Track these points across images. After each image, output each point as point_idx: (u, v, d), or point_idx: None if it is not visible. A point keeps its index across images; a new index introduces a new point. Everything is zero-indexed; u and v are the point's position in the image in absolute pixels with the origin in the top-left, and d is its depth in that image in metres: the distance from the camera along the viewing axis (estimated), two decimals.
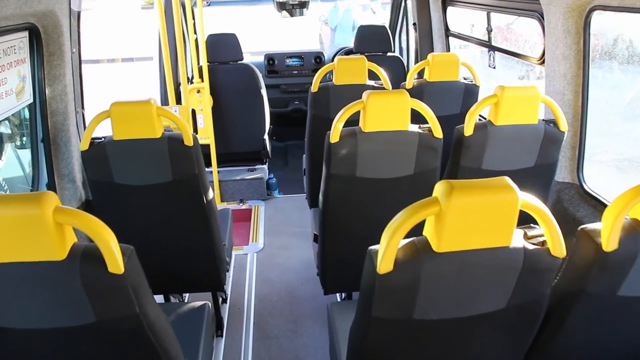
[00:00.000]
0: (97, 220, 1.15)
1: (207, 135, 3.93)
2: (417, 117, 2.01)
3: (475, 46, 3.74)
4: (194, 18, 4.03)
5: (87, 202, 2.46)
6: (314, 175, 3.06)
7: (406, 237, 1.14)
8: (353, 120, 2.03)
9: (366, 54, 4.06)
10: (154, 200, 2.15)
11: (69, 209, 1.13)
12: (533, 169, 2.18)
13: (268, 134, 4.29)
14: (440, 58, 2.84)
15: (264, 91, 4.05)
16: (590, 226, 1.24)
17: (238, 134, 4.16)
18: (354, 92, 2.70)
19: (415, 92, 2.88)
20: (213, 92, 3.89)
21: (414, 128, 1.99)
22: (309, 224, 3.40)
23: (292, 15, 4.77)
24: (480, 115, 2.16)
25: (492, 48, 3.07)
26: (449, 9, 3.74)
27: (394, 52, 4.18)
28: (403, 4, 4.74)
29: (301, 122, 5.56)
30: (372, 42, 4.02)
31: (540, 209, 1.14)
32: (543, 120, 2.13)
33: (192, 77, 3.83)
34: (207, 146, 3.96)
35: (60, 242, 1.12)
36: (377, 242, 1.17)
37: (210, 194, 2.22)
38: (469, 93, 2.95)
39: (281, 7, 4.67)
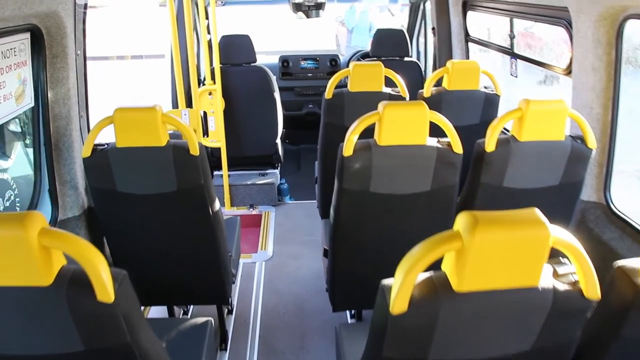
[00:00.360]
0: (86, 244, 1.07)
1: (218, 139, 3.85)
2: (434, 128, 1.90)
3: (495, 52, 3.61)
4: (207, 18, 3.95)
5: (89, 209, 2.39)
6: (326, 185, 2.96)
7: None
8: (367, 130, 1.92)
9: (383, 58, 3.95)
10: (157, 210, 2.06)
11: (55, 231, 1.06)
12: (557, 187, 2.06)
13: (281, 138, 4.19)
14: (460, 66, 2.71)
15: (277, 94, 3.96)
16: (628, 262, 1.11)
17: (250, 138, 4.07)
18: (370, 99, 2.60)
19: (433, 101, 2.76)
20: (225, 95, 3.81)
21: (433, 142, 1.89)
22: (320, 233, 3.30)
23: (308, 16, 4.68)
24: (504, 129, 2.03)
25: (515, 56, 2.93)
26: (469, 14, 3.61)
27: (411, 57, 4.06)
28: (422, 7, 4.62)
29: (315, 125, 5.44)
30: (389, 46, 3.90)
31: (574, 246, 1.05)
32: (570, 136, 2.01)
33: (204, 79, 3.74)
34: (218, 149, 3.89)
35: (46, 267, 1.05)
36: (390, 261, 1.10)
37: (217, 205, 2.13)
38: (490, 103, 2.82)
39: (297, 8, 4.58)
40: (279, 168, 4.33)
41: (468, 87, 2.76)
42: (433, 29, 3.86)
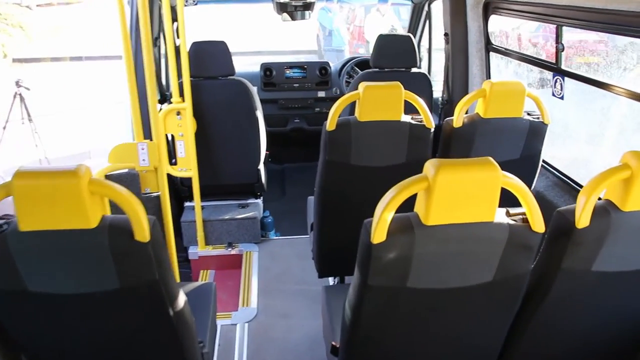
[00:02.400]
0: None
1: (188, 167, 3.18)
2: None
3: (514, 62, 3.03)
4: (175, 20, 3.28)
5: None
6: (325, 238, 2.34)
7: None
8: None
9: (386, 69, 3.33)
10: (93, 315, 1.40)
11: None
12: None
13: (264, 162, 3.54)
14: (501, 88, 2.11)
15: (259, 113, 3.30)
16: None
17: (227, 164, 3.40)
18: (386, 131, 2.06)
19: (465, 132, 2.17)
20: (197, 114, 3.13)
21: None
22: (314, 279, 2.69)
23: (293, 18, 4.03)
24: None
25: (562, 73, 2.34)
26: (492, 18, 3.01)
27: (419, 67, 3.44)
28: (426, 8, 4.01)
29: (301, 142, 4.83)
30: (393, 55, 3.28)
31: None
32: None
33: (171, 95, 3.06)
34: (190, 179, 3.23)
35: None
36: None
37: (181, 302, 1.46)
38: (535, 133, 2.24)
39: (282, 8, 3.92)
40: (262, 198, 3.67)
41: (509, 113, 2.17)
42: (446, 35, 3.25)
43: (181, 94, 3.02)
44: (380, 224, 1.20)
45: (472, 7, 3.04)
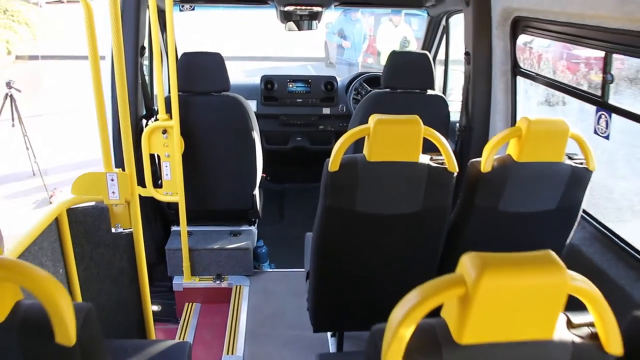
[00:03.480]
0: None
1: (174, 191, 2.85)
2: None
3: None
4: (164, 29, 2.96)
5: None
6: (322, 289, 2.02)
7: None
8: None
9: (399, 90, 2.99)
10: None
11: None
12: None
13: (260, 185, 3.20)
14: (541, 127, 1.75)
15: (256, 133, 2.96)
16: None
17: (219, 189, 3.07)
18: (400, 174, 1.73)
19: (495, 178, 1.82)
20: (186, 133, 2.80)
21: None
22: (310, 324, 2.35)
23: (299, 28, 3.71)
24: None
25: (609, 109, 1.99)
26: (521, 39, 2.67)
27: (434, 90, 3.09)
28: (443, 22, 3.68)
29: (303, 161, 4.50)
30: (408, 75, 2.94)
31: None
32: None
33: (157, 111, 2.73)
34: (176, 203, 2.89)
35: None
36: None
37: None
38: (577, 181, 1.88)
39: (286, 17, 3.61)
40: (256, 224, 3.33)
41: (548, 157, 1.82)
42: (467, 54, 2.91)
43: (169, 110, 2.69)
44: (396, 343, 0.86)
45: (499, 25, 2.70)
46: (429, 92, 3.01)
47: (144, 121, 2.89)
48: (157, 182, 2.90)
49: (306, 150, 4.03)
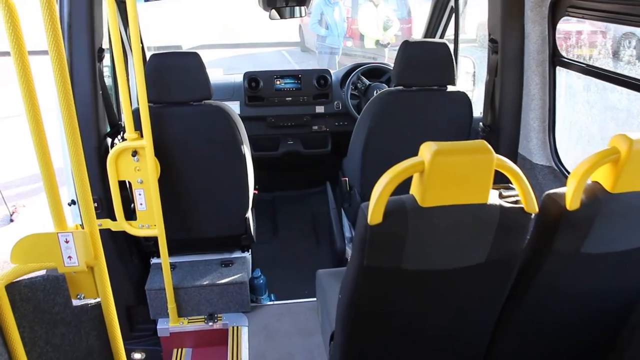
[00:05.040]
0: None
1: (151, 223, 2.34)
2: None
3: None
4: (126, 22, 2.40)
5: None
6: (353, 356, 1.59)
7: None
8: None
9: (414, 87, 2.52)
10: None
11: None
12: None
13: (252, 207, 2.71)
14: None
15: (246, 147, 2.46)
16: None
17: (205, 214, 2.57)
18: (463, 220, 1.27)
19: (584, 214, 1.37)
20: (161, 152, 2.29)
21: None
22: None
23: (282, 16, 3.21)
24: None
25: None
26: (562, 22, 2.23)
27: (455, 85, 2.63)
28: (451, 3, 3.21)
29: (295, 166, 4.01)
30: (425, 69, 2.47)
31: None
32: None
33: (124, 129, 2.21)
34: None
35: None
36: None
37: None
38: None
39: (269, 3, 3.10)
40: (250, 252, 2.85)
41: None
42: (493, 41, 2.45)
43: (138, 127, 2.17)
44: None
45: (534, 6, 2.25)
46: (449, 88, 2.55)
47: (109, 140, 2.36)
48: (129, 213, 2.38)
49: (298, 155, 3.54)
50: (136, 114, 2.14)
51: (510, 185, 1.38)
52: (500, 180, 1.41)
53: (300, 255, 3.33)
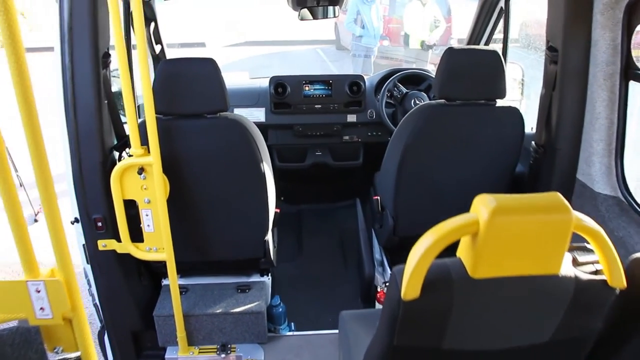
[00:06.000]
0: None
1: (159, 246, 2.13)
2: None
3: None
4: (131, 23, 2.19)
5: None
6: None
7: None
8: None
9: (458, 101, 2.22)
10: None
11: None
12: None
13: (272, 228, 2.46)
14: None
15: (266, 165, 2.21)
16: None
17: (219, 238, 2.34)
18: (526, 294, 0.96)
19: None
20: (170, 170, 2.06)
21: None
22: None
23: (314, 16, 2.95)
24: None
25: None
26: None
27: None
28: (500, 4, 2.87)
29: (324, 178, 3.74)
30: (472, 81, 2.16)
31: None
32: None
33: (128, 142, 2.00)
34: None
35: None
36: None
37: None
38: None
39: (299, 2, 2.84)
40: (269, 276, 2.60)
41: None
42: (552, 49, 2.12)
43: (145, 142, 1.95)
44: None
45: (606, 9, 1.91)
46: (499, 102, 2.23)
47: (116, 154, 2.15)
48: (138, 233, 2.17)
49: (327, 167, 3.28)
50: (142, 127, 1.92)
51: (586, 245, 1.07)
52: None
53: (325, 278, 3.07)
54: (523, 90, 3.21)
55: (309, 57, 10.73)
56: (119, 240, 2.13)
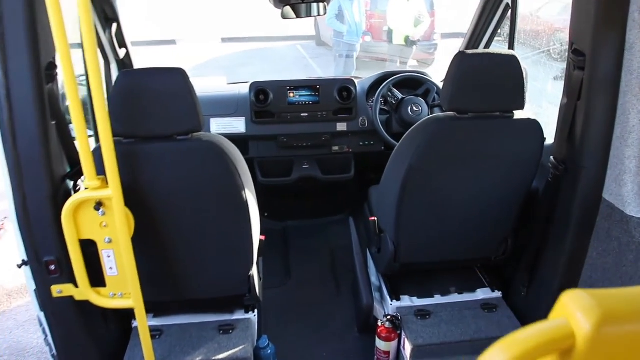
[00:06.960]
0: None
1: (124, 290, 1.79)
2: None
3: None
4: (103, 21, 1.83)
5: None
6: None
7: None
8: None
9: (470, 114, 1.93)
10: None
11: None
12: None
13: (258, 258, 2.15)
14: None
15: (249, 192, 1.89)
16: None
17: (196, 276, 2.01)
18: None
19: None
20: (134, 203, 1.73)
21: None
22: None
23: (298, 15, 2.64)
24: None
25: None
26: None
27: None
28: (505, 0, 2.60)
29: (311, 193, 3.43)
30: (486, 91, 1.87)
31: None
32: None
33: (79, 172, 1.65)
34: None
35: None
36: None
37: None
38: None
39: (282, 0, 2.53)
40: (255, 313, 2.28)
41: None
42: (578, 53, 1.84)
43: (101, 171, 1.60)
44: None
45: None
46: (517, 114, 1.94)
47: (71, 183, 1.81)
48: (97, 276, 1.83)
49: (315, 181, 2.97)
50: (98, 153, 1.58)
51: None
52: None
53: (318, 306, 2.76)
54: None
55: (289, 54, 10.37)
56: (77, 285, 1.79)
